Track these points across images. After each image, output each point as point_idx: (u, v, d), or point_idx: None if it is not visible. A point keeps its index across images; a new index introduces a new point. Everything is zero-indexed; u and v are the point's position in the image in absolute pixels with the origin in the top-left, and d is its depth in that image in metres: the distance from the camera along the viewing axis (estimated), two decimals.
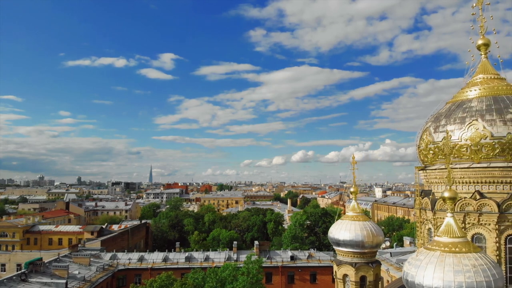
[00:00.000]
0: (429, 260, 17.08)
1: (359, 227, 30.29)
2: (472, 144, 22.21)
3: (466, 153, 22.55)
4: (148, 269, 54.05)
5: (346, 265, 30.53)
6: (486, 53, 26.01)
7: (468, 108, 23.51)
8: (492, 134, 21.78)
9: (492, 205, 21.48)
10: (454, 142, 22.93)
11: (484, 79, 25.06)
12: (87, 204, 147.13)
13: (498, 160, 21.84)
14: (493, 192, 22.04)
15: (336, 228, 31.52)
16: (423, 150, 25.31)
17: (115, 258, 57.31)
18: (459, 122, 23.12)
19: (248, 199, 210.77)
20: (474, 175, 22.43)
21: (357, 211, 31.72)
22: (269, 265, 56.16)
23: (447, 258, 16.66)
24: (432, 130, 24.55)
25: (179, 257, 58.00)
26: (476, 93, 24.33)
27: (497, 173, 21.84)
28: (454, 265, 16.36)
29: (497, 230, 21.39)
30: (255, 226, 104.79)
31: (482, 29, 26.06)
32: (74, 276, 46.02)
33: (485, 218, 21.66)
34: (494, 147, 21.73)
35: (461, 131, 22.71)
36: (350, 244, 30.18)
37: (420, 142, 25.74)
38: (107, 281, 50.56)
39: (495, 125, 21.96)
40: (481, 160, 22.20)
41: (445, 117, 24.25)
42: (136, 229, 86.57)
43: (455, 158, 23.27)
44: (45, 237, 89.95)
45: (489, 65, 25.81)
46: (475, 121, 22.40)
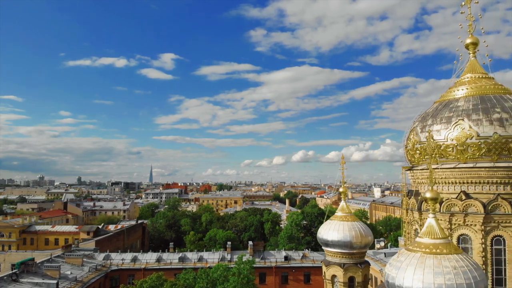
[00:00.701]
0: (409, 262, 16.87)
1: (347, 227, 30.08)
2: (458, 144, 21.97)
3: (452, 153, 22.32)
4: (141, 270, 53.86)
5: (334, 265, 30.32)
6: (475, 52, 25.78)
7: (454, 107, 23.27)
8: (478, 134, 21.55)
9: (478, 206, 21.25)
10: (440, 142, 22.72)
11: (472, 78, 24.81)
12: (85, 204, 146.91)
13: (484, 160, 21.60)
14: (479, 192, 21.80)
15: (325, 229, 31.31)
16: (410, 150, 25.08)
17: (108, 259, 57.13)
18: (445, 122, 22.88)
19: (247, 199, 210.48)
20: (460, 175, 22.19)
21: (346, 211, 31.49)
22: (263, 265, 55.98)
23: (428, 260, 16.44)
24: (419, 130, 24.31)
25: (172, 258, 57.81)
26: (463, 92, 24.09)
27: (483, 174, 21.60)
28: (434, 267, 16.15)
29: (483, 231, 21.15)
30: (252, 226, 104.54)
31: (470, 28, 25.84)
32: (66, 276, 45.86)
33: (471, 219, 21.43)
34: (480, 147, 21.49)
35: (447, 131, 22.48)
36: (338, 244, 29.98)
37: (407, 142, 25.52)
38: (100, 282, 50.37)
39: (481, 124, 21.72)
40: (467, 160, 21.97)
41: (432, 116, 24.01)
42: (132, 229, 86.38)
43: (441, 158, 23.05)
44: (42, 237, 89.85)
45: (478, 64, 25.56)
46: (461, 120, 22.17)
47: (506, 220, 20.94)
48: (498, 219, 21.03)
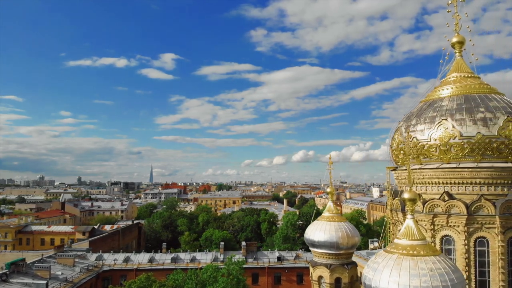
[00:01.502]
0: (386, 263, 16.63)
1: (334, 228, 29.81)
2: (441, 144, 21.71)
3: (435, 153, 22.06)
4: (133, 270, 53.64)
5: (321, 266, 30.07)
6: (461, 51, 25.54)
7: (438, 107, 23.01)
8: (461, 133, 21.28)
9: (461, 207, 20.99)
10: (424, 142, 22.46)
11: (457, 77, 24.55)
12: (83, 204, 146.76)
13: (468, 160, 21.34)
14: (463, 193, 21.55)
15: (312, 229, 31.05)
16: (395, 150, 24.83)
17: (100, 259, 56.92)
18: (429, 122, 22.62)
19: (245, 199, 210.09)
20: (443, 175, 21.94)
21: (333, 211, 31.22)
22: (256, 266, 55.76)
23: (404, 261, 16.19)
24: (403, 130, 24.04)
25: (165, 258, 57.58)
26: (448, 92, 23.83)
27: (466, 174, 21.35)
28: (411, 269, 15.89)
29: (466, 233, 20.89)
30: (249, 226, 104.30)
31: (457, 27, 25.62)
32: (56, 276, 45.66)
33: (454, 219, 21.18)
34: (463, 147, 21.23)
35: (431, 130, 22.22)
36: (324, 245, 29.71)
37: (392, 142, 25.26)
38: (91, 282, 50.15)
39: (465, 124, 21.46)
40: (450, 160, 21.72)
41: (416, 116, 23.75)
42: (127, 229, 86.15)
43: (425, 158, 22.80)
44: (37, 237, 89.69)
45: (464, 63, 25.31)
46: (444, 120, 21.91)
47: (490, 221, 20.68)
48: (481, 220, 20.77)
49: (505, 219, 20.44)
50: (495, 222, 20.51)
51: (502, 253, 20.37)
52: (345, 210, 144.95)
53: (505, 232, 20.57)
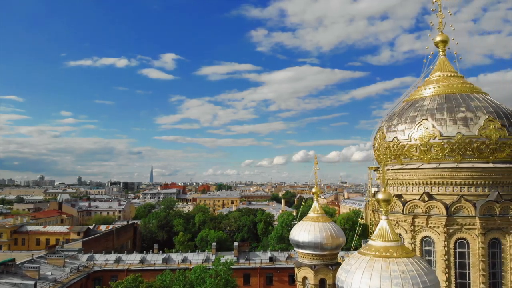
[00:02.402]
0: (358, 265, 16.38)
1: (318, 228, 29.57)
2: (421, 144, 21.45)
3: (415, 153, 21.79)
4: (124, 271, 53.42)
5: (305, 267, 29.83)
6: (444, 50, 25.28)
7: (420, 107, 22.74)
8: (441, 133, 21.01)
9: (440, 207, 20.71)
10: (404, 142, 22.20)
11: (441, 77, 24.29)
12: (80, 204, 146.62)
13: (448, 160, 21.07)
14: (443, 193, 21.27)
15: (297, 230, 30.81)
16: (377, 150, 24.56)
17: (92, 259, 56.74)
18: (409, 122, 22.35)
19: (244, 199, 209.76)
20: (423, 176, 21.66)
21: (318, 212, 30.97)
22: (247, 266, 55.53)
23: (376, 263, 15.93)
24: (385, 130, 23.78)
25: (156, 259, 57.36)
26: (431, 91, 23.55)
27: (446, 174, 21.07)
28: (382, 271, 15.63)
29: (445, 234, 20.61)
30: (245, 226, 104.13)
31: (440, 25, 25.37)
32: (46, 277, 45.48)
33: (434, 220, 20.90)
34: (443, 147, 20.95)
35: (411, 130, 21.96)
36: (309, 245, 29.47)
37: (374, 142, 24.99)
38: (82, 282, 49.94)
39: (445, 124, 21.18)
40: (430, 160, 21.45)
41: (398, 116, 23.49)
42: (122, 229, 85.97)
43: (405, 159, 22.54)
44: (33, 237, 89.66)
45: (447, 62, 25.05)
46: (424, 120, 21.64)
47: (470, 223, 20.39)
48: (461, 222, 20.49)
49: (485, 220, 20.16)
50: (475, 224, 20.23)
51: (482, 254, 20.07)
52: (343, 210, 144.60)
53: (486, 233, 20.29)
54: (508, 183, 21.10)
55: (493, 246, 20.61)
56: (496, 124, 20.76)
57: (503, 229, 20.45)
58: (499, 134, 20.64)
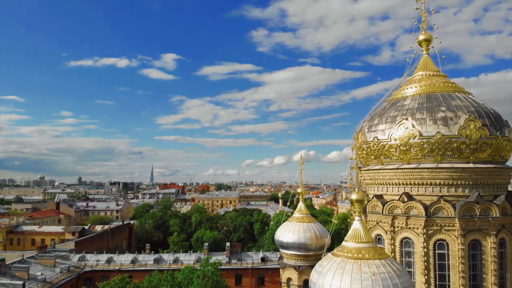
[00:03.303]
0: (330, 267, 16.16)
1: (302, 229, 29.38)
2: (401, 144, 21.14)
3: (395, 153, 21.49)
4: (115, 271, 53.20)
5: (289, 268, 29.63)
6: (428, 49, 24.98)
7: (401, 106, 22.45)
8: (421, 133, 20.70)
9: (419, 208, 20.42)
10: (384, 142, 21.92)
11: (423, 76, 23.99)
12: (78, 205, 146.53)
13: (427, 161, 20.78)
14: (422, 194, 20.99)
15: (281, 230, 30.61)
16: (358, 150, 24.28)
17: (83, 260, 56.55)
18: (390, 121, 22.05)
19: (243, 199, 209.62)
20: (403, 176, 21.38)
21: (303, 212, 30.79)
22: (239, 267, 55.28)
23: (347, 265, 15.70)
24: (366, 130, 23.52)
25: (148, 259, 57.17)
26: (413, 90, 23.25)
27: (425, 175, 20.78)
28: (353, 273, 15.38)
29: (425, 235, 20.31)
30: (241, 226, 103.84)
31: (424, 24, 25.10)
32: (35, 277, 45.31)
33: (413, 221, 20.61)
34: (423, 147, 20.65)
35: (391, 130, 21.66)
36: (292, 246, 29.27)
37: (355, 142, 24.71)
38: (72, 283, 49.75)
39: (425, 124, 20.88)
40: (410, 160, 21.15)
41: (379, 116, 23.22)
42: (117, 230, 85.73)
43: (386, 159, 22.26)
44: (28, 237, 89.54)
45: (430, 61, 24.75)
46: (404, 120, 21.34)
47: (449, 224, 20.11)
48: (440, 222, 20.20)
49: (465, 221, 19.86)
50: (454, 225, 19.94)
51: (462, 256, 19.77)
52: (341, 210, 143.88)
53: (466, 235, 19.98)
54: (489, 183, 20.82)
55: (474, 247, 20.30)
56: (476, 123, 20.45)
57: (484, 230, 20.15)
58: (479, 133, 20.34)
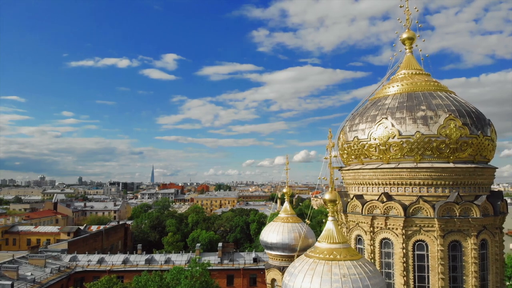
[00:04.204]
0: (301, 268, 15.92)
1: (287, 229, 29.18)
2: (380, 144, 20.87)
3: (375, 153, 21.23)
4: (106, 271, 52.95)
5: (274, 269, 29.41)
6: (411, 47, 24.73)
7: (381, 105, 22.18)
8: (400, 132, 20.43)
9: (398, 208, 20.14)
10: (364, 141, 21.66)
11: (406, 74, 23.73)
12: (76, 205, 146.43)
13: (407, 160, 20.51)
14: (402, 194, 20.71)
15: (267, 231, 30.42)
16: (340, 150, 24.03)
17: (74, 260, 56.36)
18: (370, 121, 21.79)
19: (242, 199, 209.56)
20: (383, 176, 21.10)
21: (289, 212, 30.62)
22: (231, 267, 55.03)
23: (318, 266, 15.46)
24: (347, 129, 23.26)
25: (139, 259, 56.96)
26: (394, 89, 22.98)
27: (405, 175, 20.50)
28: (324, 274, 15.14)
29: (403, 235, 20.03)
30: (238, 227, 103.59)
31: (407, 22, 24.87)
32: (24, 277, 45.12)
33: (392, 222, 20.33)
34: (402, 146, 20.37)
35: (371, 129, 21.39)
36: (277, 247, 29.09)
37: (338, 141, 24.45)
38: (62, 283, 49.56)
39: (404, 123, 20.61)
40: (390, 160, 20.88)
41: (359, 115, 22.95)
42: (112, 230, 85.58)
43: (366, 158, 22.00)
44: (24, 237, 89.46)
45: (413, 60, 24.50)
46: (384, 119, 21.06)
47: (428, 224, 19.83)
48: (419, 223, 19.92)
49: (444, 222, 19.58)
50: (434, 225, 19.66)
51: (441, 257, 19.48)
52: None
53: (445, 235, 19.69)
54: (469, 183, 20.53)
55: (454, 248, 20.01)
56: (457, 122, 20.16)
57: (464, 231, 19.87)
58: (459, 133, 20.05)
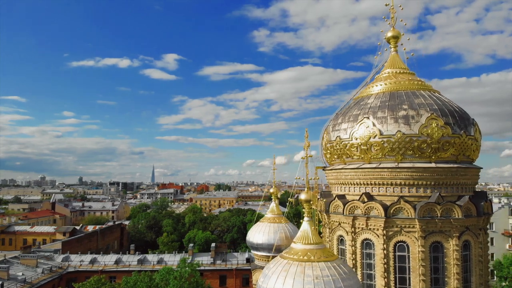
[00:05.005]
0: (275, 269, 15.72)
1: (273, 229, 29.00)
2: (362, 143, 20.64)
3: (356, 152, 21.01)
4: (98, 271, 52.73)
5: (260, 270, 29.14)
6: (396, 46, 24.59)
7: (364, 105, 21.95)
8: (381, 132, 20.19)
9: (379, 209, 19.90)
10: (346, 141, 21.43)
11: (390, 73, 23.53)
12: (74, 205, 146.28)
13: (388, 160, 20.26)
14: (383, 194, 20.48)
15: (252, 231, 30.24)
16: (324, 150, 23.82)
17: (67, 260, 56.21)
18: (352, 120, 21.56)
19: (241, 199, 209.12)
20: (364, 176, 20.87)
21: (275, 212, 30.43)
22: (224, 267, 54.84)
23: (292, 268, 15.26)
24: (331, 129, 23.03)
25: (132, 260, 56.80)
26: (378, 88, 22.76)
27: (386, 175, 20.26)
28: (296, 276, 14.93)
29: (384, 236, 19.79)
30: (234, 227, 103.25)
31: (393, 20, 24.68)
32: (15, 277, 44.97)
33: (373, 222, 20.10)
34: (383, 146, 20.14)
35: (353, 129, 21.16)
36: (262, 247, 28.91)
37: (322, 141, 24.24)
38: (54, 283, 49.41)
39: (386, 122, 20.37)
40: (371, 160, 20.65)
41: (342, 115, 22.73)
42: (108, 230, 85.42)
43: (348, 158, 21.77)
44: (20, 237, 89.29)
45: (398, 59, 24.32)
46: (366, 118, 20.83)
47: (410, 225, 19.59)
48: (400, 224, 19.68)
49: (425, 222, 19.33)
50: (415, 226, 19.41)
51: (422, 259, 19.22)
52: None
53: (426, 236, 19.44)
54: (451, 184, 20.28)
55: (435, 250, 19.75)
56: (439, 122, 19.91)
57: (445, 232, 19.62)
58: (441, 132, 19.80)
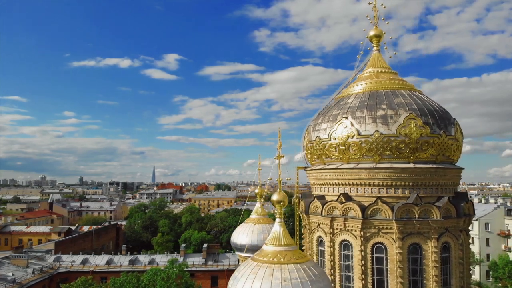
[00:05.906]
0: (245, 272, 15.51)
1: (257, 230, 28.75)
2: (340, 144, 20.41)
3: (335, 153, 20.77)
4: (89, 272, 52.59)
5: None
6: (378, 45, 24.30)
7: (343, 104, 21.71)
8: (359, 132, 19.95)
9: (356, 210, 19.67)
10: (325, 141, 21.20)
11: (372, 73, 23.27)
12: (72, 205, 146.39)
13: (366, 160, 20.02)
14: (361, 195, 20.25)
15: (237, 232, 29.98)
16: (305, 150, 23.60)
17: (58, 260, 56.08)
18: (331, 120, 21.33)
19: (240, 199, 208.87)
20: (342, 176, 20.65)
21: (260, 213, 30.18)
22: (215, 268, 54.63)
23: (260, 270, 15.03)
24: (311, 129, 22.80)
25: (123, 260, 56.65)
26: (359, 88, 22.51)
27: (364, 175, 20.02)
28: (264, 278, 14.71)
29: (362, 237, 19.54)
30: (231, 227, 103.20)
31: (375, 19, 24.47)
32: (5, 277, 44.84)
33: (351, 223, 19.87)
34: (361, 146, 19.90)
35: (332, 129, 20.93)
36: (246, 249, 28.54)
37: (303, 141, 24.02)
38: (44, 284, 49.30)
39: (364, 122, 20.13)
40: (349, 160, 20.41)
41: (322, 114, 22.50)
42: (103, 230, 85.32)
43: (327, 158, 21.55)
44: (15, 237, 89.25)
45: (380, 58, 24.04)
46: (344, 118, 20.60)
47: (387, 226, 19.34)
48: (378, 225, 19.44)
49: (403, 224, 19.08)
50: (392, 227, 19.16)
51: (400, 260, 18.96)
52: None
53: (404, 238, 19.19)
54: (430, 184, 20.01)
55: (414, 251, 19.49)
56: (417, 122, 19.66)
57: (424, 233, 19.35)
58: (420, 132, 19.55)
